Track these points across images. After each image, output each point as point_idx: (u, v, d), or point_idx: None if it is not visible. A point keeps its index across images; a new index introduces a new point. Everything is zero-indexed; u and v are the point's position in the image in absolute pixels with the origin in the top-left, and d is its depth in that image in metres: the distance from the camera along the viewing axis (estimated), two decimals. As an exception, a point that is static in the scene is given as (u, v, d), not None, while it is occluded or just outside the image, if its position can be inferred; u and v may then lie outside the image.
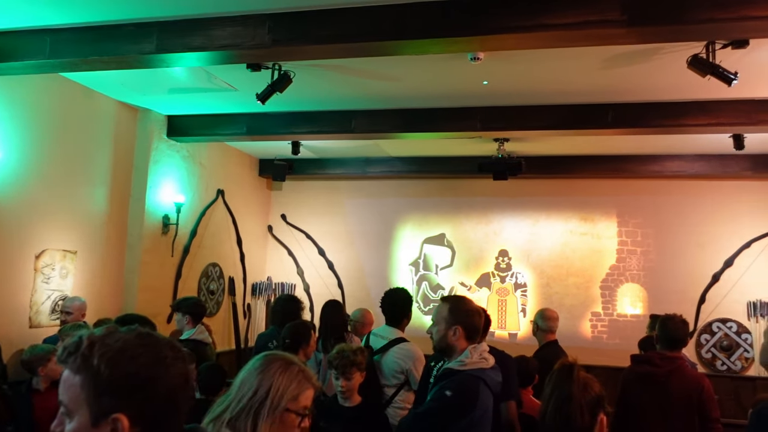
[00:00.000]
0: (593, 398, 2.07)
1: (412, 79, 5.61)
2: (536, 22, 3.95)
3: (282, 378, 1.81)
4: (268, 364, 1.85)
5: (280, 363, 1.85)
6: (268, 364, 1.84)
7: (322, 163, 9.09)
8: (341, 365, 3.43)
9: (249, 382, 1.81)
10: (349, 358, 3.42)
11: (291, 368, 1.84)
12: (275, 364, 1.84)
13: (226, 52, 4.46)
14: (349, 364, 3.42)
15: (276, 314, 4.97)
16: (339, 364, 3.44)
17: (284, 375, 1.82)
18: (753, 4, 3.60)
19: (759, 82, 5.24)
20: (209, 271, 8.00)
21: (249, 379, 1.82)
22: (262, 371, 1.82)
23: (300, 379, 1.83)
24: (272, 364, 1.84)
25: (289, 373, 1.83)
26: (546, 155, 8.15)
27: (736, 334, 7.99)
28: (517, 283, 8.81)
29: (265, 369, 1.83)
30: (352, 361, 3.42)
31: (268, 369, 1.83)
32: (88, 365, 1.16)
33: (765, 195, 8.05)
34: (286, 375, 1.82)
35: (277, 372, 1.82)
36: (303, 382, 1.84)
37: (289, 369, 1.84)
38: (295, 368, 1.85)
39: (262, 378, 1.80)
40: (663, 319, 4.07)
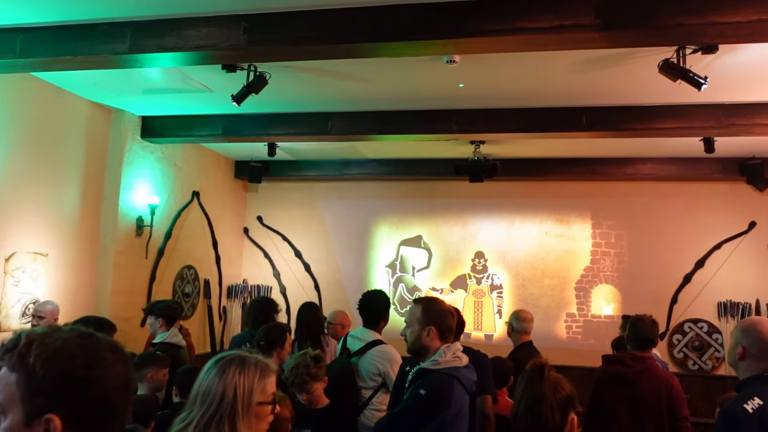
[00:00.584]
0: (564, 398, 2.09)
1: (388, 82, 5.62)
2: (511, 25, 3.99)
3: (243, 377, 1.84)
4: (224, 368, 1.86)
5: (236, 363, 1.88)
6: (224, 368, 1.86)
7: (298, 165, 9.07)
8: (297, 383, 3.43)
9: (212, 390, 1.83)
10: (302, 376, 3.42)
11: (247, 365, 1.88)
12: (231, 366, 1.87)
13: (200, 52, 4.44)
14: (303, 382, 3.42)
15: (250, 316, 4.94)
16: (294, 382, 3.44)
17: (244, 374, 1.85)
18: (720, 10, 3.68)
19: (728, 87, 5.34)
20: (184, 273, 7.93)
21: (211, 387, 1.83)
22: (222, 376, 1.84)
23: (259, 371, 1.88)
24: (228, 366, 1.86)
25: (248, 370, 1.86)
26: (521, 158, 8.22)
27: (707, 334, 8.13)
28: (493, 284, 8.87)
29: (224, 373, 1.84)
30: (304, 378, 3.42)
31: (227, 372, 1.84)
32: (24, 363, 1.14)
33: (734, 197, 8.21)
34: (246, 373, 1.85)
35: (236, 373, 1.84)
36: (263, 373, 1.88)
37: (246, 366, 1.87)
38: (251, 363, 1.89)
39: (225, 383, 1.82)
40: (633, 320, 4.13)
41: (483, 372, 3.98)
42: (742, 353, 2.64)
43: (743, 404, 2.49)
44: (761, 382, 2.56)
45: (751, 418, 2.45)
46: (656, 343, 4.18)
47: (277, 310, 5.02)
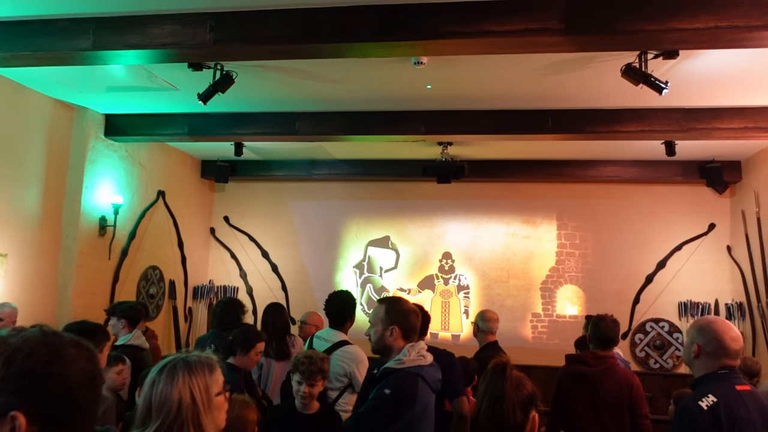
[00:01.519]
0: (525, 396, 2.12)
1: (356, 82, 5.62)
2: (478, 28, 4.02)
3: (194, 377, 1.84)
4: (171, 375, 1.85)
5: (181, 366, 1.87)
6: (172, 375, 1.85)
7: (266, 165, 9.01)
8: (308, 371, 3.35)
9: (167, 399, 1.81)
10: (317, 365, 3.36)
11: (193, 364, 1.88)
12: (178, 371, 1.86)
13: (165, 50, 4.38)
14: (317, 371, 3.35)
15: (216, 318, 4.89)
16: (306, 370, 3.36)
17: (194, 374, 1.85)
18: (680, 16, 3.76)
19: (688, 92, 5.46)
20: (149, 274, 7.81)
21: (165, 397, 1.82)
22: (172, 382, 1.83)
23: (205, 367, 1.89)
24: (175, 372, 1.85)
25: (196, 369, 1.86)
26: (489, 159, 8.29)
27: (668, 333, 8.31)
28: (460, 285, 8.92)
29: (174, 380, 1.84)
30: (319, 368, 3.36)
31: (176, 378, 1.84)
32: None
33: (694, 200, 8.40)
34: (196, 373, 1.86)
35: (185, 375, 1.84)
36: (210, 366, 1.90)
37: (192, 366, 1.87)
38: (195, 361, 1.89)
39: (179, 389, 1.82)
40: (595, 320, 4.21)
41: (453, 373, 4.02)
42: (697, 351, 2.70)
43: (698, 401, 2.55)
44: (715, 379, 2.63)
45: (705, 415, 2.52)
46: (617, 343, 4.27)
47: (244, 311, 4.98)
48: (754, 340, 7.55)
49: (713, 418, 2.51)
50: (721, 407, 2.52)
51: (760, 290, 7.31)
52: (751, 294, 7.60)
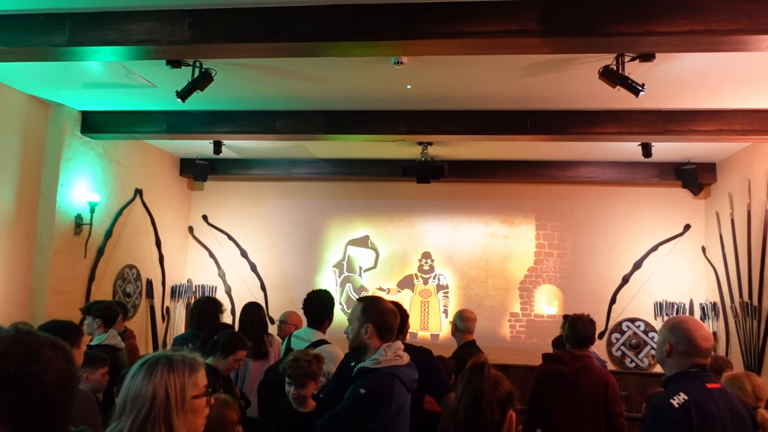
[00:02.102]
0: (503, 395, 2.13)
1: (336, 81, 5.61)
2: (457, 29, 4.04)
3: (173, 375, 1.80)
4: (151, 369, 1.82)
5: (163, 362, 1.83)
6: (151, 370, 1.82)
7: (245, 164, 8.96)
8: (295, 375, 3.35)
9: (141, 393, 1.78)
10: (303, 369, 3.34)
11: (175, 362, 1.84)
12: (158, 366, 1.82)
13: (143, 47, 4.34)
14: (303, 376, 3.34)
15: (194, 317, 4.86)
16: (293, 374, 3.36)
17: (173, 372, 1.81)
18: (657, 19, 3.81)
19: (665, 94, 5.53)
20: (125, 273, 7.73)
21: (140, 391, 1.79)
22: (149, 377, 1.80)
23: (188, 366, 1.84)
24: (155, 367, 1.82)
25: (176, 367, 1.82)
26: (468, 159, 8.33)
27: (644, 332, 8.41)
28: (440, 284, 8.95)
29: (152, 374, 1.80)
30: (306, 372, 3.35)
31: (155, 373, 1.80)
32: None
33: (670, 201, 8.52)
34: (175, 371, 1.81)
35: (164, 371, 1.80)
36: (192, 367, 1.85)
37: (173, 363, 1.83)
38: (179, 360, 1.85)
39: (155, 383, 1.78)
40: (572, 319, 4.25)
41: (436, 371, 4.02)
42: (669, 350, 2.74)
43: (670, 400, 2.59)
44: (687, 378, 2.67)
45: (677, 413, 2.55)
46: (593, 342, 4.32)
47: (222, 310, 4.96)
48: (727, 340, 7.67)
49: (684, 416, 2.55)
50: (692, 405, 2.56)
51: (734, 290, 7.43)
52: (724, 294, 7.72)
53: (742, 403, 2.75)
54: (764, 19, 3.71)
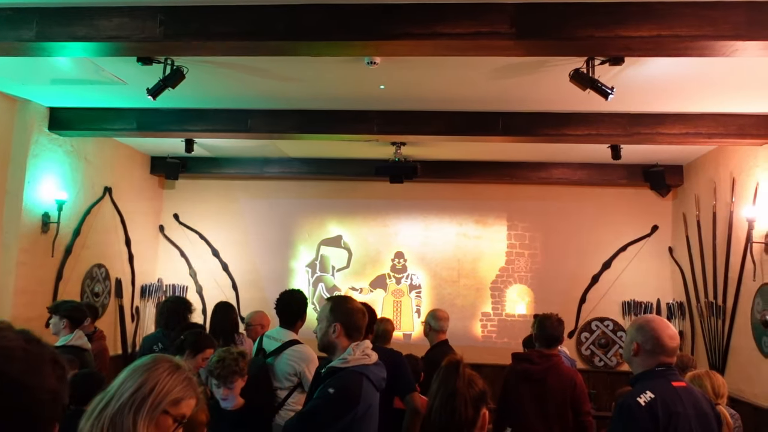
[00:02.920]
0: (477, 393, 2.16)
1: (309, 81, 5.60)
2: (430, 30, 4.06)
3: (168, 379, 1.77)
4: (156, 363, 1.81)
5: (169, 365, 1.82)
6: (155, 363, 1.81)
7: (217, 162, 8.89)
8: (222, 375, 3.36)
9: (133, 378, 1.76)
10: (230, 367, 3.36)
11: (179, 372, 1.81)
12: (164, 364, 1.81)
13: (113, 43, 4.27)
14: (231, 373, 3.36)
15: (163, 317, 4.82)
16: (220, 374, 3.37)
17: (171, 377, 1.78)
18: (626, 24, 3.88)
19: (633, 97, 5.63)
20: (94, 272, 7.62)
21: (134, 376, 1.77)
22: (149, 369, 1.78)
23: (186, 385, 1.81)
24: (160, 364, 1.81)
25: (177, 376, 1.79)
26: (441, 160, 8.38)
27: (612, 332, 8.54)
28: (412, 284, 8.99)
29: (152, 367, 1.79)
30: (233, 369, 3.36)
31: (156, 368, 1.79)
32: None
33: (638, 202, 8.67)
34: (173, 377, 1.78)
35: (165, 372, 1.78)
36: (188, 388, 1.81)
37: (177, 372, 1.81)
38: (183, 373, 1.82)
39: (148, 376, 1.76)
40: (540, 319, 4.31)
41: (403, 371, 4.06)
42: (636, 349, 2.80)
43: (636, 398, 2.65)
44: (653, 376, 2.73)
45: (643, 411, 2.61)
46: (562, 341, 4.38)
47: (191, 309, 4.92)
48: (693, 339, 7.84)
49: (651, 414, 2.60)
50: (658, 403, 2.62)
51: (699, 290, 7.59)
52: (690, 294, 7.88)
53: (706, 400, 2.82)
54: (727, 25, 3.80)
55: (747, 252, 6.31)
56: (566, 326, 5.07)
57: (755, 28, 3.80)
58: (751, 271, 6.25)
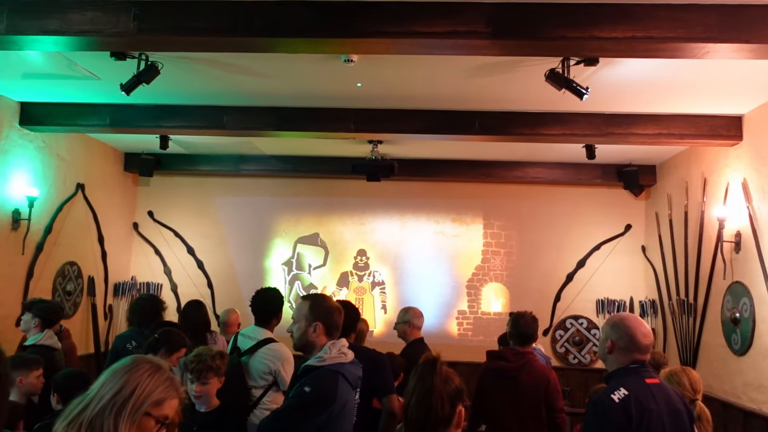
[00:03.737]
0: (453, 390, 2.17)
1: (286, 78, 5.57)
2: (407, 28, 4.06)
3: (150, 380, 1.75)
4: (136, 364, 1.79)
5: (150, 365, 1.80)
6: (136, 365, 1.78)
7: (192, 159, 8.80)
8: (197, 369, 3.32)
9: (114, 380, 1.74)
10: (206, 363, 3.32)
11: (160, 372, 1.80)
12: (144, 365, 1.79)
13: (86, 38, 4.20)
14: (206, 369, 3.31)
15: (135, 315, 4.77)
16: (195, 368, 3.32)
17: (152, 378, 1.76)
18: (600, 25, 3.93)
19: (608, 98, 5.70)
20: (66, 270, 7.49)
21: (114, 378, 1.75)
22: (129, 371, 1.76)
23: (168, 385, 1.79)
24: (141, 365, 1.79)
25: (158, 377, 1.77)
26: (418, 158, 8.39)
27: (587, 329, 8.64)
28: (375, 281, 9.00)
29: (133, 369, 1.77)
30: (209, 365, 3.32)
31: (137, 369, 1.76)
32: None
33: (612, 201, 8.78)
34: (154, 378, 1.77)
35: (146, 373, 1.76)
36: (170, 389, 1.79)
37: (158, 372, 1.79)
38: (165, 374, 1.81)
39: (129, 377, 1.74)
40: (515, 317, 4.35)
41: (383, 372, 4.06)
42: (611, 347, 2.83)
43: (611, 395, 2.68)
44: (627, 373, 2.76)
45: (617, 407, 2.64)
46: (536, 339, 4.42)
47: (164, 307, 4.87)
48: (664, 336, 7.96)
49: (624, 410, 2.63)
50: (631, 400, 2.65)
51: (671, 289, 7.71)
52: (663, 292, 8.01)
53: (679, 397, 2.86)
54: (700, 27, 3.87)
55: (717, 251, 6.42)
56: (541, 324, 5.13)
57: (726, 31, 3.87)
58: (722, 269, 6.36)
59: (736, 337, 6.06)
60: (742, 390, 5.94)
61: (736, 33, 3.87)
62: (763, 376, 5.59)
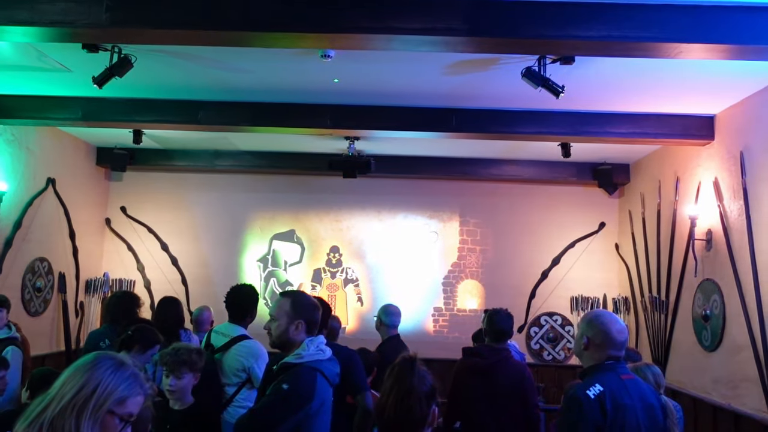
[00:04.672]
0: (429, 389, 2.17)
1: (263, 73, 5.52)
2: (384, 24, 4.05)
3: (111, 378, 1.70)
4: (98, 361, 1.73)
5: (112, 362, 1.74)
6: (97, 362, 1.73)
7: (167, 155, 8.69)
8: (172, 362, 3.27)
9: (75, 379, 1.68)
10: (182, 357, 3.27)
11: (123, 369, 1.74)
12: (106, 362, 1.73)
13: (57, 29, 4.11)
14: (181, 363, 3.26)
15: (110, 312, 4.70)
16: (170, 361, 3.27)
17: (114, 375, 1.71)
18: (577, 24, 3.95)
19: (583, 97, 5.75)
20: (36, 266, 7.35)
21: (75, 376, 1.69)
22: (91, 369, 1.70)
23: (131, 382, 1.74)
24: (103, 362, 1.73)
25: (120, 374, 1.72)
26: (395, 155, 8.38)
27: (561, 326, 8.72)
28: (347, 278, 8.98)
29: (94, 366, 1.71)
30: (184, 360, 3.27)
31: (98, 367, 1.71)
32: None
33: (587, 200, 8.86)
34: (117, 375, 1.71)
35: (108, 371, 1.71)
36: (134, 386, 1.74)
37: (120, 369, 1.73)
38: (128, 370, 1.75)
39: (90, 375, 1.69)
40: (490, 314, 4.36)
41: (355, 369, 4.04)
42: (586, 343, 2.85)
43: (586, 390, 2.69)
44: (602, 370, 2.78)
45: (592, 403, 2.66)
46: (511, 335, 4.44)
47: (139, 304, 4.80)
48: (637, 332, 8.06)
49: (599, 406, 2.65)
50: (606, 396, 2.67)
51: (644, 286, 7.81)
52: (635, 289, 8.11)
53: (652, 392, 2.89)
54: (674, 27, 3.91)
55: (689, 249, 6.51)
56: (516, 321, 5.15)
57: (699, 31, 3.92)
58: (693, 267, 6.45)
59: (706, 334, 6.15)
60: (712, 386, 6.04)
61: (708, 33, 3.93)
62: (732, 372, 5.69)
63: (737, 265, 5.64)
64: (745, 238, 5.49)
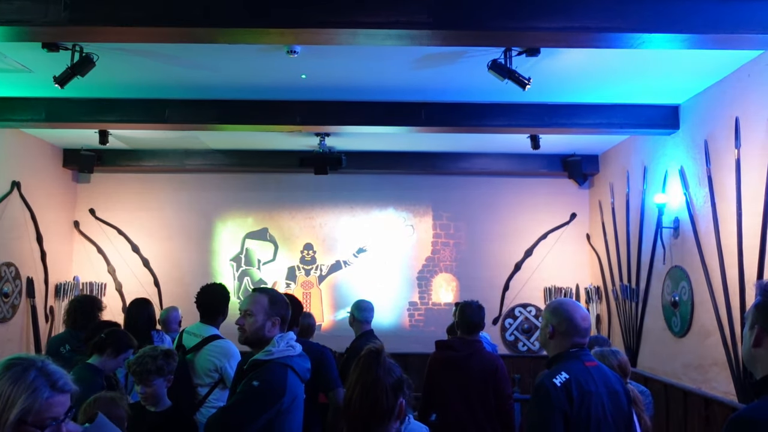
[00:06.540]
0: (396, 381, 2.15)
1: (229, 70, 5.47)
2: (349, 18, 4.02)
3: (12, 388, 1.56)
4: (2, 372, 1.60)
5: (14, 370, 1.60)
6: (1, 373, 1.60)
7: (135, 155, 8.57)
8: (138, 372, 3.24)
9: None
10: (146, 366, 3.24)
11: (26, 375, 1.59)
12: (8, 372, 1.59)
13: (14, 27, 4.00)
14: (146, 372, 3.23)
15: (70, 316, 4.62)
16: (136, 371, 3.25)
17: (15, 384, 1.57)
18: (540, 15, 3.96)
19: (550, 88, 5.79)
20: (2, 271, 7.21)
21: None
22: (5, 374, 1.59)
23: (36, 387, 1.58)
24: (5, 372, 1.60)
25: (22, 382, 1.58)
26: (366, 150, 8.37)
27: (535, 317, 8.79)
28: (322, 275, 8.96)
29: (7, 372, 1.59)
30: (149, 369, 3.24)
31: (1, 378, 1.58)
32: None
33: (558, 190, 8.94)
34: (18, 384, 1.57)
35: (8, 381, 1.57)
36: (40, 390, 1.59)
37: (23, 377, 1.58)
38: (31, 374, 1.60)
39: None
40: (461, 306, 4.39)
41: (327, 366, 4.03)
42: (552, 332, 2.88)
43: (552, 379, 2.72)
44: (567, 357, 2.81)
45: (559, 391, 2.68)
46: (483, 327, 4.47)
47: (101, 307, 4.73)
48: (609, 321, 8.17)
49: (566, 394, 2.68)
50: (572, 383, 2.70)
51: (615, 275, 7.91)
52: (606, 278, 8.21)
53: (616, 378, 2.93)
54: (636, 17, 3.95)
55: (657, 237, 6.61)
56: (491, 313, 5.20)
57: (661, 20, 3.96)
58: (662, 255, 6.55)
59: (676, 320, 6.25)
60: (682, 370, 6.14)
61: (669, 23, 3.97)
62: (701, 356, 5.80)
63: (704, 251, 5.74)
64: (711, 225, 5.58)
